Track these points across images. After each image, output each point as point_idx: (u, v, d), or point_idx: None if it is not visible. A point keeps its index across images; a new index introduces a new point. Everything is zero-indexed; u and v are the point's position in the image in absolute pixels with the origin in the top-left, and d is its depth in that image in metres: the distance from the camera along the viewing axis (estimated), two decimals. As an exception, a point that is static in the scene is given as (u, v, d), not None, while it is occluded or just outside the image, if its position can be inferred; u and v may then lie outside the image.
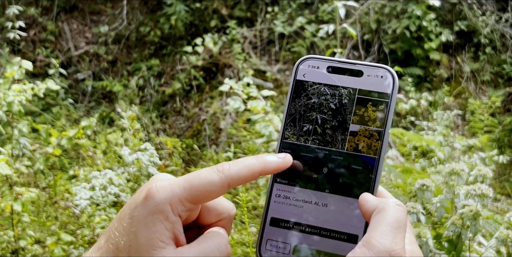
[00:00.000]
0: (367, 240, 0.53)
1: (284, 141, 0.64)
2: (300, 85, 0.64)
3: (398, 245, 0.53)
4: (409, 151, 4.09)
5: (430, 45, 5.39)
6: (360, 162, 0.61)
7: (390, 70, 0.62)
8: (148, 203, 0.56)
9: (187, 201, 0.56)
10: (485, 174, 1.39)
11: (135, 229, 0.56)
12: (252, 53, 5.78)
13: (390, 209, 0.56)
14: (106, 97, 5.90)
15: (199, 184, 0.56)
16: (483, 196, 1.31)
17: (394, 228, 0.54)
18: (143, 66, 5.93)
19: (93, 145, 3.83)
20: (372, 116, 0.61)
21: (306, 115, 0.63)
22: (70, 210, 3.21)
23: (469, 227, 1.31)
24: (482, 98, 5.23)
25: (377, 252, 0.52)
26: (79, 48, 6.31)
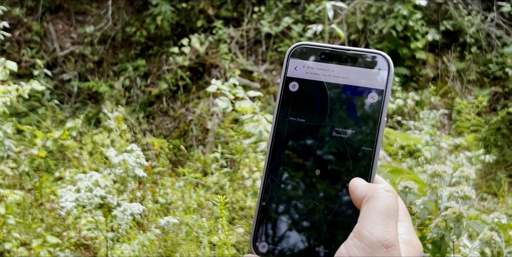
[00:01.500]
0: (358, 231, 0.53)
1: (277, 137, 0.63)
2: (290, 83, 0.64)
3: (390, 233, 0.52)
4: (396, 150, 4.10)
5: (417, 45, 5.41)
6: (357, 150, 0.60)
7: (386, 58, 0.62)
8: None
9: None
10: (467, 175, 1.40)
11: None
12: (239, 53, 5.78)
13: (380, 196, 0.55)
14: (92, 98, 5.88)
15: None
16: (466, 198, 1.31)
17: (385, 216, 0.54)
18: (129, 66, 5.91)
19: (79, 146, 3.81)
20: (367, 107, 0.61)
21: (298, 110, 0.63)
22: (56, 212, 3.19)
23: (452, 229, 1.31)
24: (468, 97, 5.26)
25: (370, 243, 0.52)
26: (65, 48, 6.28)
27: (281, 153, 0.62)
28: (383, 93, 0.61)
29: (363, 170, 0.60)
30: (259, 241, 0.61)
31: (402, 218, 0.59)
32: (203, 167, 4.11)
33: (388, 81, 0.61)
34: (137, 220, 2.93)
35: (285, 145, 0.62)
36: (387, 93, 0.61)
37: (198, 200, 3.35)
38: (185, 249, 2.73)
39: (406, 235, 0.57)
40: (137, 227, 2.93)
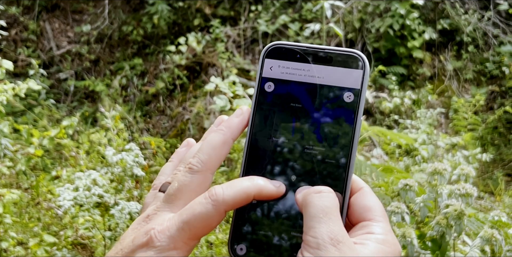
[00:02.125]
0: (304, 239, 0.53)
1: (252, 141, 0.62)
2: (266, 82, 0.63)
3: (334, 231, 0.52)
4: (393, 149, 4.11)
5: (413, 44, 5.41)
6: (332, 153, 0.60)
7: (361, 57, 0.61)
8: (150, 250, 0.55)
9: (191, 240, 0.55)
10: (468, 173, 1.39)
11: None
12: (235, 52, 5.78)
13: (311, 201, 0.55)
14: (89, 97, 5.87)
15: (196, 220, 0.55)
16: (467, 195, 1.31)
17: (322, 217, 0.53)
18: (126, 65, 5.90)
19: (76, 145, 3.80)
20: (342, 108, 0.60)
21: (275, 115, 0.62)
22: (53, 211, 3.19)
23: (453, 227, 1.31)
24: (465, 96, 5.27)
25: (317, 246, 0.51)
26: (61, 47, 6.27)
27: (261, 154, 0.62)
28: (359, 93, 0.60)
29: (337, 176, 0.59)
30: (237, 243, 0.60)
31: (379, 218, 0.58)
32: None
33: (364, 81, 0.60)
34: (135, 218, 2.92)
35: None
36: (362, 93, 0.60)
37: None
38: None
39: (382, 235, 0.56)
40: (134, 226, 2.92)
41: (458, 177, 1.39)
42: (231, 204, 0.56)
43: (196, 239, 0.56)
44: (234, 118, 0.62)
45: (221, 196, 0.56)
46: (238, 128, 0.62)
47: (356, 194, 0.60)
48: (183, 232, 0.55)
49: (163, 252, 0.54)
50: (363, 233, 0.56)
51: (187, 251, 0.56)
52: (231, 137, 0.61)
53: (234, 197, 0.56)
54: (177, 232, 0.55)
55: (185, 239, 0.55)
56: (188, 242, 0.55)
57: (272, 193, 0.59)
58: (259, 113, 0.62)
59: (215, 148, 0.60)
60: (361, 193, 0.60)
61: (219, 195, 0.56)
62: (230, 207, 0.56)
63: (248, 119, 0.63)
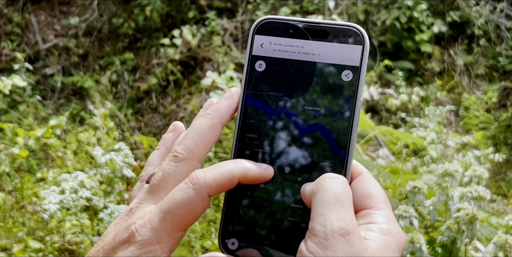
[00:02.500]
0: (311, 227, 0.52)
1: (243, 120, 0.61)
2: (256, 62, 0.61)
3: (344, 221, 0.51)
4: (400, 149, 4.10)
5: (422, 37, 5.41)
6: (329, 137, 0.58)
7: (360, 31, 0.60)
8: (131, 246, 0.54)
9: (174, 231, 0.54)
10: (480, 174, 1.38)
11: None
12: (233, 46, 5.77)
13: (325, 186, 0.54)
14: (77, 93, 5.86)
15: (178, 208, 0.54)
16: (480, 198, 1.30)
17: (334, 204, 0.52)
18: (117, 60, 5.89)
19: (63, 144, 3.79)
20: (340, 87, 0.59)
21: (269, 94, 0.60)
22: (38, 215, 3.17)
23: (464, 232, 1.30)
24: (476, 93, 5.26)
25: (325, 236, 0.50)
26: (48, 41, 6.26)
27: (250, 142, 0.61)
28: (358, 71, 0.59)
29: (337, 160, 0.58)
30: (228, 237, 0.59)
31: (380, 205, 0.57)
32: (196, 167, 4.09)
33: (363, 58, 0.59)
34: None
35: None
36: (362, 71, 0.59)
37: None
38: (176, 254, 2.71)
39: (385, 225, 0.55)
40: (125, 231, 2.91)
41: (470, 178, 1.38)
42: (214, 187, 0.55)
43: (180, 229, 0.55)
44: (222, 101, 0.61)
45: (202, 179, 0.55)
46: (227, 112, 0.61)
47: (355, 180, 0.59)
48: (165, 223, 0.54)
49: (146, 247, 0.53)
50: (364, 222, 0.55)
51: (172, 244, 0.55)
52: (219, 121, 0.60)
53: (216, 179, 0.55)
54: (159, 223, 0.54)
55: (168, 231, 0.54)
56: (172, 233, 0.54)
57: (258, 175, 0.58)
58: (249, 95, 0.61)
59: (201, 134, 0.59)
60: (360, 179, 0.59)
61: (200, 178, 0.55)
62: (213, 191, 0.55)
63: (238, 102, 0.61)
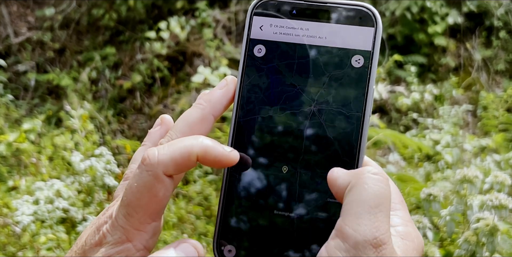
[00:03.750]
0: (340, 228, 0.50)
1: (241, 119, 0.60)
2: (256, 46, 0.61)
3: (380, 229, 0.49)
4: (411, 153, 4.10)
5: (435, 29, 5.41)
6: (338, 130, 0.58)
7: (372, 11, 0.59)
8: (103, 249, 0.54)
9: (143, 224, 0.54)
10: (502, 180, 1.38)
11: None
12: (226, 39, 5.78)
13: (366, 182, 0.52)
14: (53, 92, 5.86)
15: (137, 198, 0.53)
16: (502, 207, 1.30)
17: (373, 207, 0.50)
18: (97, 55, 5.89)
19: (37, 149, 3.79)
20: (350, 74, 0.58)
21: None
22: (9, 228, 3.17)
23: (484, 245, 1.30)
24: (496, 90, 5.27)
25: (354, 244, 0.48)
26: (20, 34, 6.26)
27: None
28: (370, 55, 0.58)
29: (348, 154, 0.57)
30: (224, 243, 0.58)
31: (396, 205, 0.56)
32: (184, 174, 4.09)
33: (376, 41, 0.58)
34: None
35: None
36: (374, 56, 0.58)
37: (178, 213, 3.34)
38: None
39: (402, 227, 0.54)
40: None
41: (490, 185, 1.37)
42: (170, 164, 0.53)
43: (148, 221, 0.54)
44: (216, 90, 0.60)
45: (155, 158, 0.53)
46: (220, 102, 0.60)
47: None
48: (129, 217, 0.53)
49: (117, 246, 0.53)
50: None
51: (145, 240, 0.54)
52: (211, 112, 0.59)
53: (172, 156, 0.54)
54: (124, 219, 0.53)
55: (137, 225, 0.53)
56: (142, 227, 0.54)
57: (220, 155, 0.56)
58: (247, 83, 0.60)
59: (190, 125, 0.59)
60: None
61: (152, 158, 0.54)
62: (170, 169, 0.53)
63: (234, 91, 0.61)
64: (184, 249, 0.54)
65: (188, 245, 0.55)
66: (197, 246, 0.55)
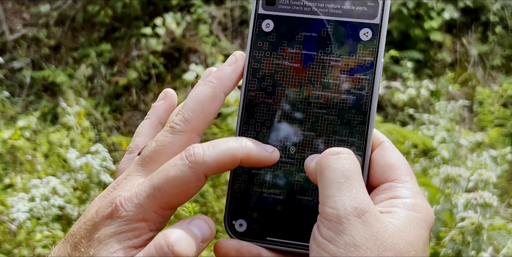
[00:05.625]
0: (321, 210, 0.52)
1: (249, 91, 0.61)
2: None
3: (357, 200, 0.51)
4: (407, 149, 4.11)
5: (431, 25, 5.41)
6: (349, 105, 0.58)
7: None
8: (114, 222, 0.54)
9: (163, 209, 0.55)
10: (487, 178, 1.39)
11: (94, 251, 0.54)
12: (222, 35, 5.77)
13: (329, 164, 0.53)
14: (48, 89, 5.85)
15: (170, 185, 0.54)
16: (486, 205, 1.30)
17: (341, 183, 0.51)
18: (92, 52, 5.88)
19: (32, 146, 3.79)
20: (358, 47, 0.59)
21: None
22: (5, 225, 3.18)
23: (470, 243, 1.31)
24: (492, 86, 5.27)
25: (338, 219, 0.50)
26: (15, 31, 6.25)
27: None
28: (378, 28, 0.59)
29: (356, 133, 0.58)
30: (235, 218, 0.59)
31: (405, 177, 0.57)
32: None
33: (384, 14, 0.59)
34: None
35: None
36: (382, 28, 0.59)
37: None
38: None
39: (410, 199, 0.54)
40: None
41: (475, 183, 1.38)
42: (213, 167, 0.54)
43: (169, 208, 0.55)
44: (225, 67, 0.60)
45: (200, 157, 0.54)
46: (231, 79, 0.60)
47: (375, 150, 0.59)
48: (153, 199, 0.54)
49: (130, 223, 0.54)
50: (387, 197, 0.55)
51: (160, 222, 0.55)
52: (222, 89, 0.59)
53: (216, 159, 0.55)
54: (147, 199, 0.54)
55: (156, 208, 0.54)
56: (160, 211, 0.55)
57: (263, 158, 0.57)
58: (256, 59, 0.61)
59: (201, 104, 0.58)
60: (381, 149, 0.59)
61: (198, 156, 0.54)
62: (211, 171, 0.55)
63: (243, 67, 0.61)
64: (198, 225, 0.56)
65: (201, 221, 0.56)
66: (209, 223, 0.57)
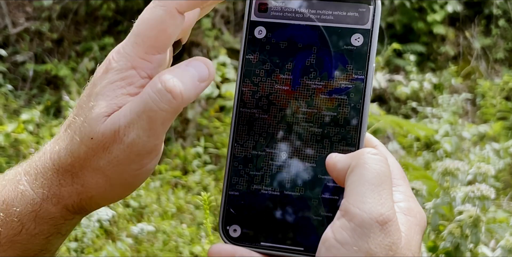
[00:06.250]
0: (345, 208, 0.50)
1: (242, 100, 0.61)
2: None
3: (384, 206, 0.50)
4: (410, 142, 4.10)
5: (434, 18, 5.40)
6: (342, 111, 0.58)
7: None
8: (109, 74, 0.56)
9: (148, 54, 0.57)
10: (485, 172, 1.39)
11: (93, 103, 0.56)
12: (224, 29, 5.76)
13: (367, 162, 0.52)
14: (51, 83, 5.85)
15: (147, 29, 0.56)
16: (483, 198, 1.30)
17: (376, 185, 0.51)
18: (95, 46, 5.88)
19: (35, 140, 3.80)
20: (350, 53, 0.59)
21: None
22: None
23: (468, 236, 1.31)
24: (495, 79, 5.26)
25: (360, 222, 0.49)
26: (18, 25, 6.25)
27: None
28: (370, 33, 0.58)
29: (349, 137, 0.58)
30: (229, 223, 0.59)
31: (397, 181, 0.56)
32: (183, 164, 4.10)
33: (375, 19, 0.59)
34: (105, 227, 2.93)
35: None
36: (374, 34, 0.58)
37: (177, 203, 3.35)
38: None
39: (404, 203, 0.54)
40: (105, 236, 2.93)
41: (474, 176, 1.38)
42: (184, 2, 0.56)
43: (155, 52, 0.57)
44: None
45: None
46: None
47: None
48: (137, 46, 0.56)
49: (122, 72, 0.56)
50: None
51: (150, 69, 0.57)
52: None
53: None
54: (131, 47, 0.57)
55: (142, 54, 0.56)
56: (147, 57, 0.56)
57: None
58: (249, 66, 0.61)
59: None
60: None
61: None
62: (183, 7, 0.56)
63: None
64: (195, 65, 0.58)
65: (199, 62, 0.58)
66: (207, 63, 0.59)
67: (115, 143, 0.55)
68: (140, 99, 0.55)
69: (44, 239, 0.61)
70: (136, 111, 0.55)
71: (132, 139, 0.55)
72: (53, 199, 0.58)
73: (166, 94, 0.54)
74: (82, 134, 0.56)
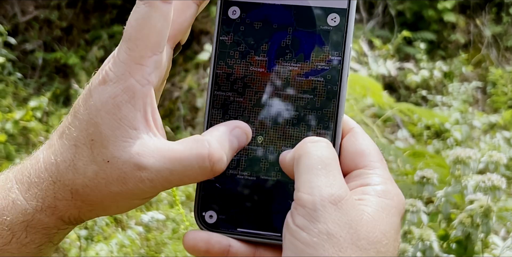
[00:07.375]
0: (296, 197, 0.50)
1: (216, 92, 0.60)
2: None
3: (334, 186, 0.50)
4: (420, 130, 4.10)
5: (444, 5, 5.37)
6: (318, 92, 0.57)
7: None
8: (108, 87, 0.54)
9: (143, 58, 0.55)
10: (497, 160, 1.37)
11: (96, 120, 0.54)
12: (233, 16, 5.75)
13: (308, 151, 0.52)
14: (60, 71, 5.86)
15: (137, 30, 0.55)
16: (494, 188, 1.29)
17: (320, 169, 0.51)
18: (104, 34, 5.88)
19: (44, 128, 3.81)
20: (326, 34, 0.57)
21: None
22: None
23: (479, 226, 1.30)
24: (506, 67, 5.24)
25: (313, 206, 0.49)
26: (27, 13, 6.25)
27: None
28: (346, 13, 0.57)
29: (326, 120, 0.57)
30: (205, 209, 0.58)
31: (375, 164, 0.55)
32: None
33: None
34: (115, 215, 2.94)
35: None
36: (350, 13, 0.57)
37: (186, 190, 3.35)
38: (171, 249, 2.73)
39: (381, 186, 0.53)
40: (114, 224, 2.94)
41: (486, 165, 1.37)
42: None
43: (149, 54, 0.55)
44: None
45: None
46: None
47: (345, 137, 0.58)
48: (131, 52, 0.54)
49: (121, 83, 0.54)
50: (358, 185, 0.54)
51: (148, 73, 0.55)
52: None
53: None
54: (125, 54, 0.54)
55: (137, 59, 0.54)
56: (142, 61, 0.54)
57: None
58: (223, 47, 0.60)
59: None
60: (351, 135, 0.58)
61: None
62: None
63: None
64: (239, 136, 0.57)
65: (243, 133, 0.57)
66: (248, 134, 0.58)
67: (135, 179, 0.54)
68: (179, 162, 0.54)
69: (35, 248, 0.59)
70: (170, 169, 0.54)
71: (154, 185, 0.54)
72: (47, 211, 0.56)
73: (209, 172, 0.54)
74: (95, 153, 0.54)
